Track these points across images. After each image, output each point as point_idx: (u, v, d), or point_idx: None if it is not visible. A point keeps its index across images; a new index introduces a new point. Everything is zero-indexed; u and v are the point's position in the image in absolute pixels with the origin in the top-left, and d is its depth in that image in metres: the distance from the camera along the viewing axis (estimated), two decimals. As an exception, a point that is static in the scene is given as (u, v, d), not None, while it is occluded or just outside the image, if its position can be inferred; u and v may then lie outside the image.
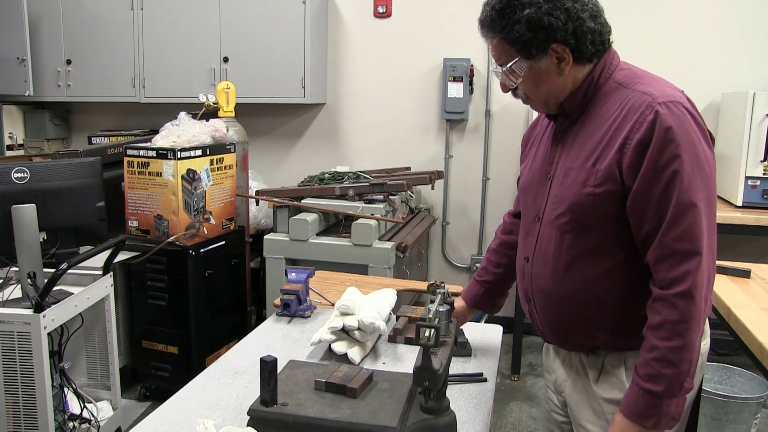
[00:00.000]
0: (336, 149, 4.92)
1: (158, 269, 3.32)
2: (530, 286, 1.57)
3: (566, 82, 1.44)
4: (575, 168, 1.43)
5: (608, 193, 1.37)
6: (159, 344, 3.40)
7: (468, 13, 4.50)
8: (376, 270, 3.43)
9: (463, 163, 4.68)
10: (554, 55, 1.40)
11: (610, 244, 1.42)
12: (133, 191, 3.34)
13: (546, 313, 1.55)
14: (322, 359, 1.84)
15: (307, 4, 4.36)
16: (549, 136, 1.57)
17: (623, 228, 1.39)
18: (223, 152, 3.55)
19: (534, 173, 1.59)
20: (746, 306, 2.08)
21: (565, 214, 1.44)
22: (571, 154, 1.46)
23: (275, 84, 4.48)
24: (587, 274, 1.45)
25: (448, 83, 4.48)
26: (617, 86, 1.42)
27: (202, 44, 4.56)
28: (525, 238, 1.60)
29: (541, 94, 1.47)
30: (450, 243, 4.80)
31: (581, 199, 1.40)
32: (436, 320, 1.38)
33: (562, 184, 1.46)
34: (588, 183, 1.39)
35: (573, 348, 1.58)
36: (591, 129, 1.43)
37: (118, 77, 4.78)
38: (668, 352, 1.30)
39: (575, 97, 1.45)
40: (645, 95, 1.35)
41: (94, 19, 4.78)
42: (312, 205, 3.72)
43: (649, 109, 1.31)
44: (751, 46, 4.10)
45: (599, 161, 1.38)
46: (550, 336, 1.60)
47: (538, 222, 1.54)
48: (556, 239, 1.48)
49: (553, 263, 1.49)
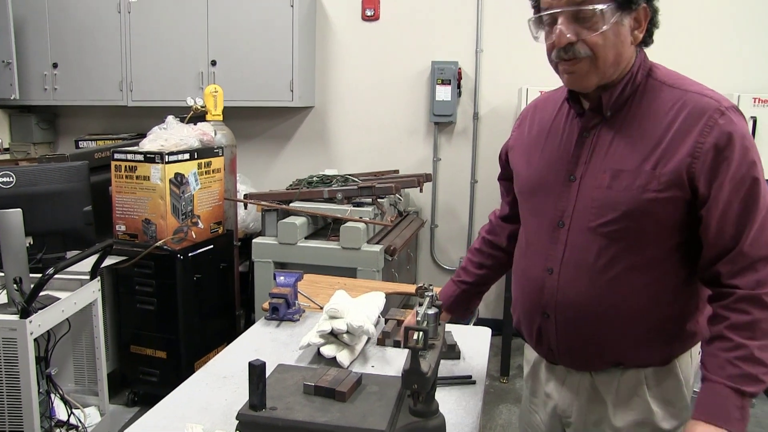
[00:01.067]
0: (324, 152, 4.91)
1: (146, 273, 3.30)
2: (552, 301, 1.42)
3: (629, 54, 1.33)
4: (629, 171, 1.30)
5: (672, 200, 1.28)
6: (147, 349, 3.38)
7: (456, 16, 4.52)
8: (364, 273, 3.43)
9: (451, 166, 4.69)
10: (637, 16, 1.30)
11: (662, 254, 1.34)
12: (121, 195, 3.33)
13: (571, 329, 1.41)
14: (311, 363, 1.83)
15: (294, 8, 4.36)
16: (565, 134, 1.44)
17: (679, 236, 1.32)
18: (211, 156, 3.54)
19: (547, 174, 1.45)
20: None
21: (618, 221, 1.31)
22: (615, 156, 1.33)
23: (263, 87, 4.47)
24: (633, 286, 1.34)
25: (436, 86, 4.49)
26: (661, 85, 1.34)
27: (190, 47, 4.55)
28: (544, 246, 1.44)
29: (610, 55, 1.28)
30: (438, 245, 4.81)
31: (641, 205, 1.29)
32: (424, 323, 1.38)
33: (610, 187, 1.32)
34: (649, 188, 1.28)
35: (588, 367, 1.46)
36: (639, 128, 1.32)
37: (106, 81, 4.76)
38: (758, 350, 1.24)
39: (616, 89, 1.34)
40: (706, 98, 1.28)
41: (81, 23, 4.76)
42: (300, 209, 3.72)
43: (717, 113, 1.25)
44: (734, 50, 4.14)
45: (661, 165, 1.27)
46: (565, 355, 1.46)
47: (562, 228, 1.40)
48: (597, 248, 1.35)
49: (591, 274, 1.36)
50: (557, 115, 1.49)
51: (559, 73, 1.36)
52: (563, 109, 1.48)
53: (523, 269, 1.52)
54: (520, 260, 1.56)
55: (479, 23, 4.49)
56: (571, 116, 1.45)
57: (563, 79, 1.36)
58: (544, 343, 1.48)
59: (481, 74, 4.55)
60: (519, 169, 1.57)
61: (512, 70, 4.40)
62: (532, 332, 1.50)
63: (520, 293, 1.54)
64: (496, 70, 4.52)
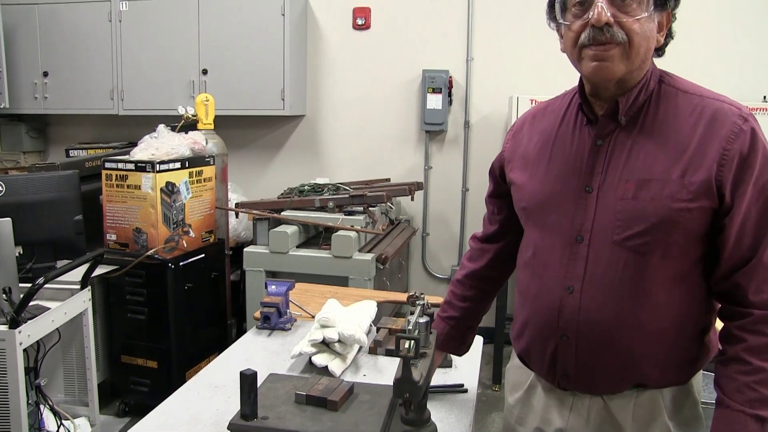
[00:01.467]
0: (315, 161, 4.92)
1: (137, 283, 3.29)
2: (574, 321, 1.32)
3: (651, 56, 1.29)
4: (656, 180, 1.24)
5: (701, 209, 1.22)
6: (138, 359, 3.37)
7: (447, 25, 4.54)
8: (356, 282, 3.43)
9: (442, 174, 4.70)
10: (661, 20, 1.28)
11: (689, 267, 1.28)
12: (112, 204, 3.32)
13: (594, 351, 1.32)
14: (303, 372, 1.83)
15: (286, 17, 4.37)
16: (575, 143, 1.37)
17: (703, 247, 1.27)
18: (203, 165, 3.54)
19: (557, 186, 1.36)
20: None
21: (646, 233, 1.24)
22: (637, 164, 1.27)
23: (254, 96, 4.48)
24: (661, 301, 1.28)
25: (427, 95, 4.50)
26: (676, 91, 1.30)
27: (181, 56, 4.55)
28: (561, 264, 1.35)
29: (642, 47, 1.23)
30: (430, 254, 4.81)
31: (670, 216, 1.22)
32: (415, 332, 1.38)
33: (636, 198, 1.25)
34: (679, 197, 1.21)
35: (606, 390, 1.36)
36: (659, 135, 1.27)
37: (96, 89, 4.75)
38: None
39: (632, 93, 1.28)
40: (726, 104, 1.25)
41: (72, 31, 4.75)
42: (292, 218, 3.72)
43: (741, 119, 1.22)
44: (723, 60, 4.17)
45: (689, 173, 1.22)
46: (584, 378, 1.36)
47: (582, 243, 1.31)
48: (623, 263, 1.27)
49: (617, 291, 1.28)
50: (562, 124, 1.41)
51: (581, 62, 1.27)
52: (569, 117, 1.41)
53: (537, 290, 1.40)
54: (530, 281, 1.43)
55: (470, 32, 4.51)
56: (579, 124, 1.37)
57: (587, 68, 1.26)
58: (558, 368, 1.37)
59: (472, 83, 4.57)
60: (521, 183, 1.46)
61: (503, 78, 4.42)
62: (545, 357, 1.39)
63: (532, 316, 1.42)
64: (486, 78, 4.54)
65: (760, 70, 4.09)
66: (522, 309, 1.46)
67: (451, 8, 4.53)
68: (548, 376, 1.41)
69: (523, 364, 1.51)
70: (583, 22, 1.23)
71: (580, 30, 1.24)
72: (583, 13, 1.24)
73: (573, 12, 1.26)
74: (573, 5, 1.26)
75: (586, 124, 1.35)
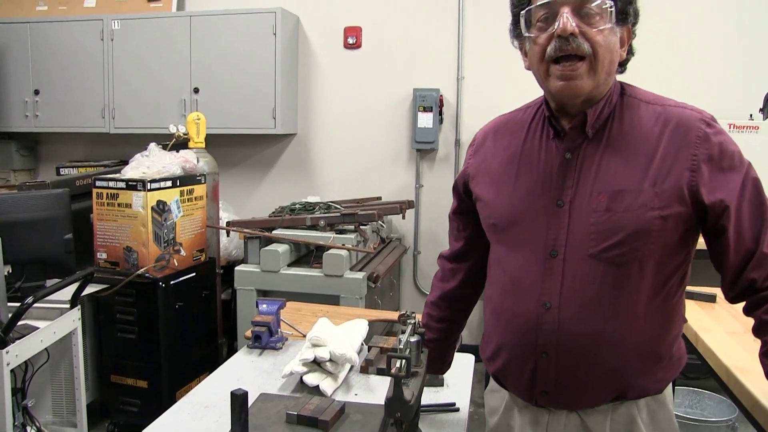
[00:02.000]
0: (307, 180, 4.92)
1: (127, 302, 3.27)
2: (553, 338, 1.31)
3: (615, 70, 1.31)
4: (628, 190, 1.25)
5: (674, 216, 1.24)
6: (128, 378, 3.34)
7: (437, 44, 4.58)
8: (347, 300, 3.42)
9: (433, 193, 4.71)
10: (623, 35, 1.30)
11: (665, 276, 1.29)
12: (102, 223, 3.31)
13: (575, 366, 1.31)
14: (294, 391, 1.82)
15: (277, 36, 4.39)
16: (542, 158, 1.37)
17: (678, 256, 1.30)
18: (194, 183, 3.54)
19: (527, 202, 1.36)
20: (713, 330, 2.12)
21: (622, 244, 1.25)
22: (608, 176, 1.28)
23: (246, 115, 4.49)
24: (640, 312, 1.29)
25: (418, 113, 4.52)
26: (638, 102, 1.32)
27: (173, 75, 4.57)
28: (535, 280, 1.34)
29: (606, 59, 1.25)
30: (422, 272, 4.81)
31: (646, 225, 1.24)
32: (407, 351, 1.37)
33: (610, 209, 1.26)
34: (652, 206, 1.23)
35: (585, 405, 1.35)
36: (626, 147, 1.29)
37: (88, 108, 4.75)
38: None
39: (599, 106, 1.30)
40: (687, 110, 1.29)
41: (64, 50, 4.76)
42: (283, 236, 3.71)
43: (703, 123, 1.25)
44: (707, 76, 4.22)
45: (659, 181, 1.24)
46: (563, 395, 1.35)
47: (557, 258, 1.31)
48: (601, 275, 1.27)
49: (597, 304, 1.28)
50: (527, 138, 1.41)
51: (549, 80, 1.29)
52: (533, 131, 1.41)
53: (511, 309, 1.38)
54: (503, 300, 1.41)
55: (460, 51, 4.55)
56: (546, 138, 1.38)
57: (555, 86, 1.27)
58: (537, 386, 1.36)
59: (463, 101, 4.60)
60: (489, 199, 1.44)
61: (493, 97, 4.44)
62: (523, 376, 1.38)
63: (509, 335, 1.39)
64: (477, 96, 4.57)
65: (746, 88, 4.13)
66: (496, 329, 1.44)
67: (442, 27, 4.57)
68: (526, 394, 1.40)
69: (499, 385, 1.50)
70: (549, 35, 1.25)
71: (546, 43, 1.26)
72: (548, 26, 1.26)
73: (538, 26, 1.28)
74: (537, 20, 1.28)
75: (554, 138, 1.36)
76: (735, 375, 1.74)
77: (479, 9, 4.50)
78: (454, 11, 4.53)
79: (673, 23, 4.22)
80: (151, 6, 4.89)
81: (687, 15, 4.23)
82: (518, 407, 1.44)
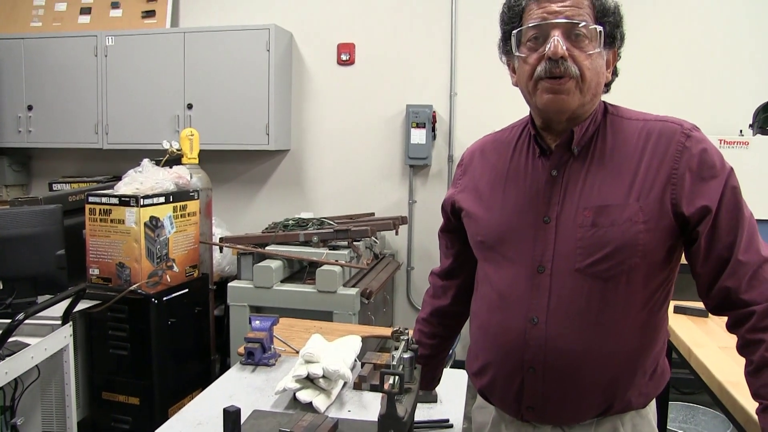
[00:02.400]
0: (300, 196, 4.93)
1: (120, 318, 3.25)
2: (540, 353, 1.31)
3: (601, 91, 1.34)
4: (613, 205, 1.27)
5: (658, 230, 1.26)
6: (120, 395, 3.31)
7: (430, 60, 4.61)
8: (341, 316, 3.42)
9: (426, 208, 4.72)
10: (608, 58, 1.33)
11: (652, 289, 1.30)
12: (95, 239, 3.30)
13: (562, 381, 1.32)
14: (287, 408, 1.81)
15: (271, 52, 4.41)
16: (529, 175, 1.39)
17: (663, 270, 1.31)
18: (187, 199, 3.53)
19: (515, 218, 1.38)
20: (705, 345, 2.13)
21: (608, 258, 1.26)
22: (593, 192, 1.30)
23: (239, 131, 4.50)
24: (627, 326, 1.30)
25: (411, 129, 4.54)
26: (621, 119, 1.35)
27: (166, 91, 4.58)
28: (523, 295, 1.35)
29: (593, 81, 1.28)
30: (415, 288, 4.80)
31: (632, 239, 1.25)
32: (400, 367, 1.37)
33: (596, 224, 1.27)
34: (637, 219, 1.25)
35: (567, 419, 1.35)
36: (611, 163, 1.31)
37: (81, 123, 4.76)
38: None
39: (584, 124, 1.33)
40: (668, 123, 1.31)
41: (57, 65, 4.77)
42: (276, 252, 3.71)
43: (683, 136, 1.27)
44: (698, 91, 4.25)
45: (642, 196, 1.26)
46: (550, 410, 1.35)
47: (544, 274, 1.32)
48: (588, 291, 1.28)
49: (584, 319, 1.29)
50: (513, 156, 1.44)
51: (537, 94, 1.30)
52: (519, 150, 1.44)
53: (498, 324, 1.38)
54: (490, 316, 1.42)
55: (453, 67, 4.58)
56: (532, 156, 1.40)
57: (542, 100, 1.29)
58: (524, 402, 1.36)
59: (456, 117, 4.62)
60: (477, 217, 1.46)
61: (486, 113, 4.47)
62: (510, 391, 1.38)
63: (496, 351, 1.39)
64: (470, 113, 4.59)
65: (736, 103, 4.17)
66: (483, 345, 1.45)
67: (435, 44, 4.60)
68: (512, 409, 1.40)
69: (485, 400, 1.50)
70: (539, 55, 1.28)
71: (536, 63, 1.28)
72: (537, 46, 1.29)
73: (528, 46, 1.31)
74: (528, 39, 1.30)
75: (540, 156, 1.38)
76: (728, 390, 1.74)
77: (472, 26, 4.53)
78: (447, 28, 4.56)
79: (663, 40, 4.26)
80: (145, 22, 4.91)
81: (677, 31, 4.28)
82: (505, 423, 1.44)
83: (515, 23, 1.33)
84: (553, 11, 1.26)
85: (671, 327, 2.26)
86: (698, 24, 4.26)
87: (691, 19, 4.27)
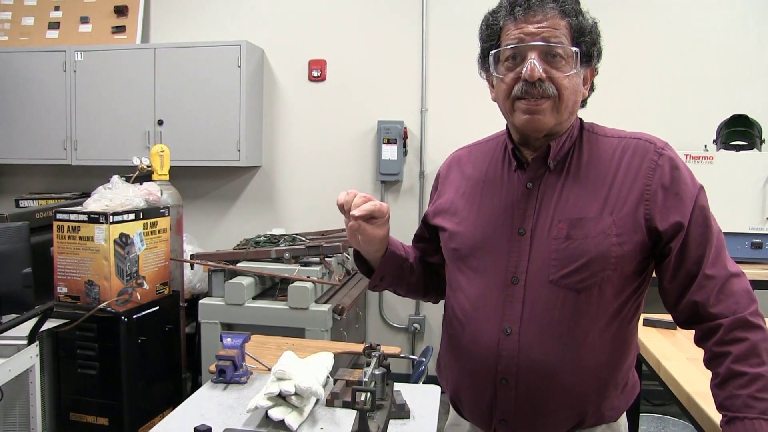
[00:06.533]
0: (272, 212, 4.91)
1: (89, 337, 3.20)
2: (513, 364, 1.32)
3: (579, 103, 1.37)
4: (587, 219, 1.29)
5: (631, 243, 1.27)
6: (88, 416, 3.26)
7: (401, 76, 4.64)
8: (313, 333, 3.40)
9: (398, 224, 4.66)
10: (586, 75, 1.37)
11: (623, 302, 1.32)
12: (63, 256, 3.25)
13: (535, 393, 1.32)
14: (259, 426, 1.80)
15: (242, 68, 4.41)
16: (504, 187, 1.41)
17: (634, 282, 1.33)
18: (157, 216, 3.50)
19: (489, 230, 1.39)
20: (674, 357, 2.16)
21: (581, 270, 1.28)
22: (568, 205, 1.32)
23: (210, 147, 4.48)
24: (599, 338, 1.31)
25: (382, 145, 4.57)
26: (597, 136, 1.38)
27: (137, 107, 4.54)
28: (496, 307, 1.35)
29: (570, 100, 1.31)
30: (387, 304, 4.80)
31: (605, 252, 1.27)
32: (372, 383, 1.37)
33: (570, 237, 1.29)
34: (609, 233, 1.27)
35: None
36: (585, 178, 1.33)
37: (49, 139, 4.69)
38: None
39: (561, 139, 1.35)
40: (642, 141, 1.34)
41: (24, 80, 4.71)
42: (248, 269, 3.69)
43: (655, 155, 1.30)
44: (660, 107, 4.34)
45: (616, 210, 1.28)
46: (522, 422, 1.35)
47: (517, 285, 1.33)
48: (561, 302, 1.30)
49: (557, 330, 1.30)
50: (489, 168, 1.46)
51: (514, 114, 1.32)
52: (495, 161, 1.46)
53: (471, 334, 1.39)
54: (462, 326, 1.42)
55: (424, 83, 4.62)
56: (508, 169, 1.42)
57: (520, 120, 1.31)
58: (496, 415, 1.36)
59: (427, 133, 4.65)
60: (452, 227, 1.47)
61: (457, 128, 4.51)
62: (481, 404, 1.38)
63: (467, 362, 1.40)
64: (440, 128, 4.63)
65: (701, 120, 4.26)
66: (454, 355, 1.46)
67: (406, 60, 4.64)
68: (484, 423, 1.40)
69: (457, 413, 1.51)
70: (516, 76, 1.30)
71: (513, 83, 1.31)
72: (515, 66, 1.30)
73: (506, 65, 1.32)
74: (505, 59, 1.32)
75: (516, 169, 1.41)
76: (695, 401, 1.76)
77: (443, 42, 4.58)
78: (418, 44, 4.61)
79: (629, 56, 4.34)
80: (115, 38, 4.88)
81: (642, 48, 4.36)
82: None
83: (493, 42, 1.35)
84: (530, 32, 1.27)
85: (641, 339, 2.29)
86: (664, 41, 4.36)
87: (658, 36, 4.37)
